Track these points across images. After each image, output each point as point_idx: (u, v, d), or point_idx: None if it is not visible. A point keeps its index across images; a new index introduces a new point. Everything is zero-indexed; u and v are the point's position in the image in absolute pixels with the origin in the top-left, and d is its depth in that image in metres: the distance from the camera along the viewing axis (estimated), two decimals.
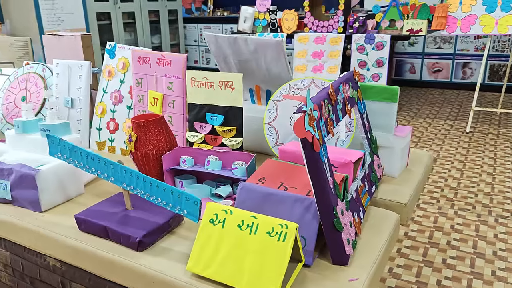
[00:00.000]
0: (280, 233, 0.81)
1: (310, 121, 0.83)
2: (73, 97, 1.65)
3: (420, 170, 1.37)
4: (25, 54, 1.88)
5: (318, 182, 0.85)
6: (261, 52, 1.32)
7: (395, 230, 1.07)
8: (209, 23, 6.66)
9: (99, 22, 5.21)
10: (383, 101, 1.27)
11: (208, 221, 0.87)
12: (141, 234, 0.93)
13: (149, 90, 1.46)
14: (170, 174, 1.23)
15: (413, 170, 1.36)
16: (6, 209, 1.14)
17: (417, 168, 1.38)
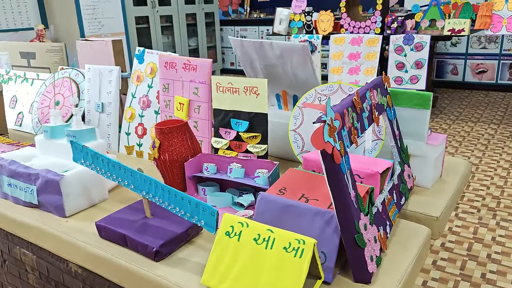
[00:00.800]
0: (297, 248, 0.77)
1: (330, 132, 0.78)
2: (103, 101, 1.68)
3: (456, 180, 1.29)
4: (60, 59, 1.93)
5: (339, 196, 0.81)
6: (287, 57, 1.28)
7: (425, 245, 1.00)
8: (245, 25, 6.68)
9: (137, 26, 5.33)
10: (415, 107, 1.21)
11: (224, 233, 0.85)
12: (158, 244, 0.91)
13: (175, 96, 1.46)
14: (193, 181, 1.21)
15: (448, 181, 1.28)
16: (33, 213, 1.16)
17: (453, 178, 1.30)
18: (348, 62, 4.26)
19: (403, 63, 3.88)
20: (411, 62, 3.83)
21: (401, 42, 3.85)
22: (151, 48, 5.54)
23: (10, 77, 2.08)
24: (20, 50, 2.06)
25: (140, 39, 5.37)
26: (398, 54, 3.90)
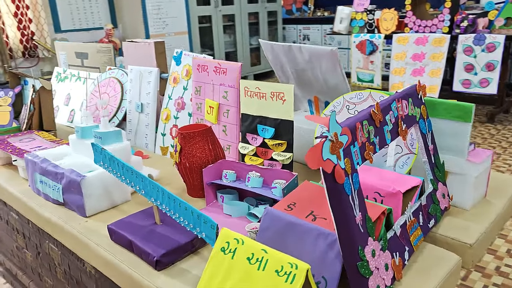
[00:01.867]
0: (289, 273, 0.72)
1: (332, 148, 0.72)
2: (143, 102, 1.71)
3: (503, 202, 1.15)
4: (109, 60, 2.00)
5: (341, 218, 0.74)
6: (316, 62, 1.21)
7: (451, 275, 0.90)
8: (308, 24, 6.57)
9: (200, 25, 5.44)
10: (455, 119, 1.09)
11: (220, 249, 0.81)
12: (159, 253, 0.90)
13: (206, 99, 1.45)
14: (212, 187, 1.19)
15: (493, 202, 1.14)
16: (59, 211, 1.20)
17: (499, 199, 1.16)
18: (412, 63, 4.03)
19: (472, 64, 3.59)
20: (482, 64, 3.53)
21: (471, 42, 3.56)
22: (212, 48, 5.64)
23: (66, 76, 2.20)
24: (75, 50, 2.17)
25: (202, 38, 5.48)
26: (467, 55, 3.61)
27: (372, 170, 1.05)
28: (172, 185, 1.33)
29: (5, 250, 1.76)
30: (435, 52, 3.87)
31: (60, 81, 2.22)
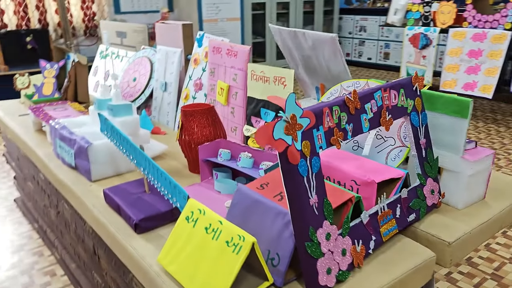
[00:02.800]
0: (237, 244, 0.75)
1: (287, 129, 0.74)
2: (167, 81, 1.79)
3: (502, 205, 1.09)
4: (143, 40, 2.10)
5: (294, 199, 0.76)
6: (319, 49, 1.21)
7: (420, 270, 0.88)
8: (366, 15, 6.40)
9: (253, 12, 5.48)
10: (452, 115, 1.05)
11: (184, 217, 0.86)
12: (139, 218, 0.97)
13: (218, 80, 1.49)
14: (208, 165, 1.24)
15: (491, 205, 1.09)
16: (71, 174, 1.31)
17: (499, 202, 1.10)
18: (467, 60, 3.82)
19: None
20: None
21: None
22: (264, 35, 5.67)
23: (107, 54, 2.34)
24: (116, 30, 2.29)
25: (254, 25, 5.52)
26: None
27: (357, 160, 1.05)
28: (176, 161, 1.39)
29: (38, 208, 1.94)
30: (493, 49, 3.65)
31: (102, 58, 2.37)
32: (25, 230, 2.10)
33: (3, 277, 1.75)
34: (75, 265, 1.57)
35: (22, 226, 2.13)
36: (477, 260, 1.86)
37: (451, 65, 3.91)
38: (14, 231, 2.09)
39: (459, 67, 3.88)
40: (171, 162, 1.39)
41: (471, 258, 1.87)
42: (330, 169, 1.02)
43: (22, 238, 2.03)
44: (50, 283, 1.71)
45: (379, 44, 6.35)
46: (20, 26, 4.18)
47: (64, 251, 1.65)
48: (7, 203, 2.37)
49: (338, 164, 1.01)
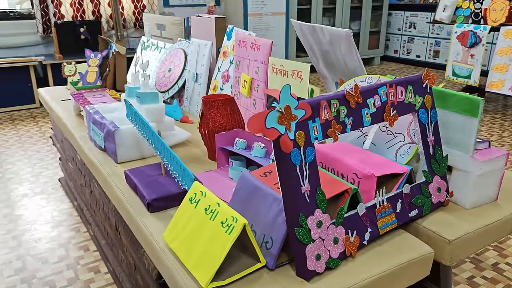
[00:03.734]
0: (230, 225, 0.80)
1: (280, 119, 0.78)
2: (198, 72, 1.86)
3: None
4: (180, 32, 2.19)
5: (285, 186, 0.80)
6: (336, 44, 1.23)
7: (415, 264, 0.90)
8: (416, 11, 6.21)
9: (299, 7, 5.48)
10: (463, 113, 1.04)
11: (188, 199, 0.92)
12: (151, 197, 1.04)
13: (242, 73, 1.55)
14: (224, 153, 1.30)
15: (502, 207, 1.08)
16: (100, 155, 1.41)
17: (511, 204, 1.09)
18: None
19: None
20: None
21: None
22: None
23: (148, 45, 2.45)
24: (156, 22, 2.40)
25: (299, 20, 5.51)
26: None
27: (363, 153, 1.07)
28: (198, 148, 1.46)
29: (77, 187, 2.09)
30: None
31: (143, 49, 2.49)
32: (66, 207, 2.26)
33: (42, 248, 1.91)
34: (105, 241, 1.69)
35: (63, 204, 2.30)
36: (503, 266, 1.80)
37: (499, 65, 3.74)
38: (56, 208, 2.26)
39: (508, 67, 3.70)
40: (193, 149, 1.46)
41: (497, 263, 1.82)
42: (334, 161, 1.04)
43: (63, 214, 2.19)
44: (83, 257, 1.84)
45: (429, 41, 6.15)
46: (76, 18, 4.43)
47: (97, 228, 1.78)
48: (52, 182, 2.55)
49: (342, 157, 1.03)
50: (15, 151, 3.03)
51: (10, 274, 1.74)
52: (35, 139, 3.27)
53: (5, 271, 1.76)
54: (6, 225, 2.10)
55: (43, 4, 4.24)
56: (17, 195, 2.40)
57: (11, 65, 3.89)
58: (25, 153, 2.99)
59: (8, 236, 2.00)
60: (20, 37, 4.26)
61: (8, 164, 2.81)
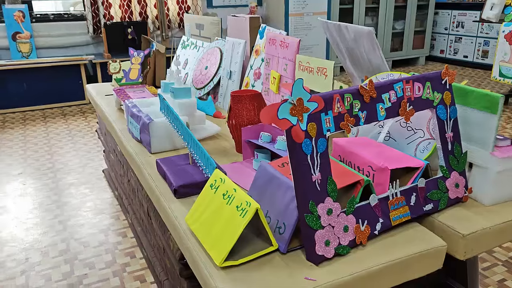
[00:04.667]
0: (244, 209, 0.86)
1: (293, 110, 0.83)
2: (231, 70, 1.94)
3: None
4: (217, 32, 2.27)
5: (297, 174, 0.85)
6: (360, 41, 1.26)
7: (426, 257, 0.92)
8: (465, 10, 6.00)
9: (341, 6, 5.45)
10: (483, 110, 1.05)
11: (209, 185, 0.99)
12: (178, 184, 1.12)
13: (271, 70, 1.60)
14: (250, 146, 1.36)
15: None
16: (136, 146, 1.51)
17: None
18: None
19: None
20: None
21: None
22: None
23: (188, 44, 2.56)
24: (196, 22, 2.50)
25: (341, 19, 5.48)
26: None
27: (380, 147, 1.09)
28: (227, 141, 1.53)
29: (118, 178, 2.22)
30: None
31: (183, 48, 2.60)
32: (108, 196, 2.41)
33: (84, 233, 2.05)
34: (140, 228, 1.80)
35: (106, 193, 2.44)
36: None
37: None
38: (99, 197, 2.41)
39: None
40: (222, 142, 1.53)
41: None
42: (351, 154, 1.08)
43: (104, 203, 2.34)
44: (121, 243, 1.97)
45: (478, 41, 5.94)
46: (124, 19, 4.65)
47: (134, 216, 1.89)
48: (97, 173, 2.72)
49: (359, 150, 1.06)
50: (65, 144, 3.24)
51: (55, 255, 1.89)
52: (83, 132, 3.48)
53: (51, 252, 1.91)
54: (54, 211, 2.26)
55: (94, 6, 4.48)
56: (64, 184, 2.58)
57: (63, 64, 4.15)
58: (74, 146, 3.19)
59: (55, 221, 2.17)
60: (73, 37, 4.53)
61: (59, 155, 3.02)
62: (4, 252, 1.91)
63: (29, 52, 4.29)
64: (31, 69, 4.05)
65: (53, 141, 3.30)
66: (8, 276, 1.75)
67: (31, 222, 2.16)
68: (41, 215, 2.22)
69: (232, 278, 0.83)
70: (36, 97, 4.13)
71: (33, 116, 3.97)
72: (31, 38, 4.30)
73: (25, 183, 2.60)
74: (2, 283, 1.71)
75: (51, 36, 4.43)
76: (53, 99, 4.20)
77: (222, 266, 0.85)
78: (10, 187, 2.55)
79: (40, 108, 4.17)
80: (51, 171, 2.75)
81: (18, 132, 3.50)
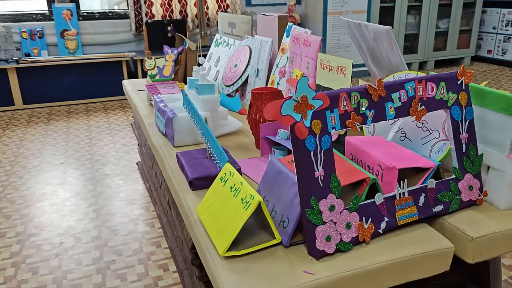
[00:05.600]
0: (247, 202, 0.89)
1: (297, 107, 0.85)
2: (259, 68, 1.97)
3: None
4: (247, 30, 2.31)
5: (300, 170, 0.86)
6: (379, 40, 1.26)
7: (431, 258, 0.91)
8: None
9: (382, 4, 5.35)
10: (500, 112, 1.02)
11: (219, 178, 1.03)
12: (193, 176, 1.17)
13: (295, 68, 1.62)
14: (268, 142, 1.38)
15: None
16: (161, 139, 1.58)
17: None
18: None
19: None
20: None
21: None
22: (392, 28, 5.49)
23: (220, 42, 2.61)
24: (228, 21, 2.55)
25: (382, 18, 5.38)
26: None
27: (392, 147, 1.09)
28: (248, 137, 1.57)
29: (149, 170, 2.31)
30: None
31: (216, 45, 2.65)
32: (140, 188, 2.51)
33: (115, 222, 2.15)
34: (166, 219, 1.87)
35: (138, 185, 2.55)
36: None
37: None
38: (131, 188, 2.51)
39: None
40: (243, 138, 1.57)
41: None
42: (362, 153, 1.08)
43: (136, 194, 2.44)
44: (148, 232, 2.05)
45: None
46: (164, 17, 4.79)
47: (161, 207, 1.97)
48: (131, 165, 2.83)
49: (370, 149, 1.07)
50: (104, 136, 3.39)
51: (87, 240, 2.00)
52: (122, 126, 3.63)
53: (83, 238, 2.02)
54: (89, 199, 2.39)
55: (137, 4, 4.65)
56: (101, 174, 2.71)
57: (107, 60, 4.33)
58: (112, 139, 3.34)
59: (89, 209, 2.29)
60: (116, 35, 4.72)
61: (98, 147, 3.17)
62: (41, 236, 2.04)
63: (76, 49, 4.51)
64: (77, 65, 4.26)
65: (93, 133, 3.46)
66: (43, 258, 1.87)
67: (68, 209, 2.29)
68: (77, 203, 2.35)
69: (233, 267, 0.87)
70: (80, 91, 4.34)
71: (77, 109, 4.18)
72: (78, 35, 4.51)
73: (65, 172, 2.75)
74: (37, 264, 1.83)
75: (96, 33, 4.64)
76: (96, 94, 4.40)
77: (225, 255, 0.88)
78: (52, 175, 2.71)
79: (83, 102, 4.37)
80: (89, 162, 2.90)
81: (62, 125, 3.70)
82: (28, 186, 2.55)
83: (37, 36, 4.40)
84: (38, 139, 3.35)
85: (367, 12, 5.26)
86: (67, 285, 1.70)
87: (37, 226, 2.13)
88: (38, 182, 2.61)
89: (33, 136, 3.42)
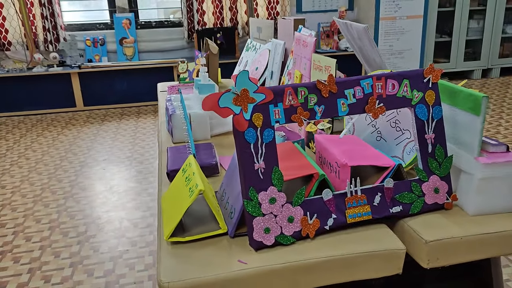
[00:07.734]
0: (192, 190, 0.93)
1: (236, 100, 0.87)
2: (273, 70, 2.00)
3: None
4: (270, 34, 2.34)
5: (240, 161, 0.89)
6: (362, 39, 1.24)
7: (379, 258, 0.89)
8: None
9: (440, 9, 5.12)
10: (468, 111, 0.97)
11: (182, 168, 1.08)
12: (171, 169, 1.23)
13: (295, 69, 1.63)
14: None
15: None
16: (165, 135, 1.66)
17: None
18: None
19: None
20: None
21: None
22: (451, 34, 5.23)
23: (250, 47, 2.68)
24: (257, 26, 2.60)
25: (440, 23, 5.14)
26: None
27: (358, 146, 1.07)
28: None
29: None
30: None
31: (246, 50, 2.72)
32: None
33: (136, 215, 2.28)
34: None
35: None
36: None
37: None
38: None
39: None
40: None
41: None
42: (325, 150, 1.07)
43: None
44: None
45: None
46: (215, 25, 4.96)
47: None
48: None
49: (331, 147, 1.06)
50: (147, 137, 3.59)
51: (108, 230, 2.14)
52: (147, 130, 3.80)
53: (106, 227, 2.16)
54: (119, 193, 2.54)
55: (190, 13, 4.86)
56: (133, 171, 2.87)
57: (159, 66, 4.57)
58: (155, 139, 3.52)
59: (118, 202, 2.44)
60: (170, 42, 4.97)
61: (139, 147, 3.36)
62: (69, 224, 2.22)
63: (132, 55, 4.82)
64: (132, 70, 4.55)
65: (138, 134, 3.68)
66: (67, 243, 2.04)
67: (99, 202, 2.46)
68: (108, 197, 2.52)
69: (175, 252, 0.91)
70: (134, 95, 4.62)
71: (129, 112, 4.45)
72: (135, 42, 4.82)
73: (105, 168, 2.96)
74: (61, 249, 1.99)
75: (152, 41, 4.91)
76: (148, 97, 4.65)
77: (170, 241, 0.93)
78: (93, 171, 2.92)
79: (136, 105, 4.65)
80: (128, 160, 3.08)
81: (114, 125, 3.97)
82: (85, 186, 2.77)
83: (99, 44, 4.76)
84: (90, 137, 3.62)
85: (423, 17, 5.05)
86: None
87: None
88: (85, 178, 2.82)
89: (86, 134, 3.71)
